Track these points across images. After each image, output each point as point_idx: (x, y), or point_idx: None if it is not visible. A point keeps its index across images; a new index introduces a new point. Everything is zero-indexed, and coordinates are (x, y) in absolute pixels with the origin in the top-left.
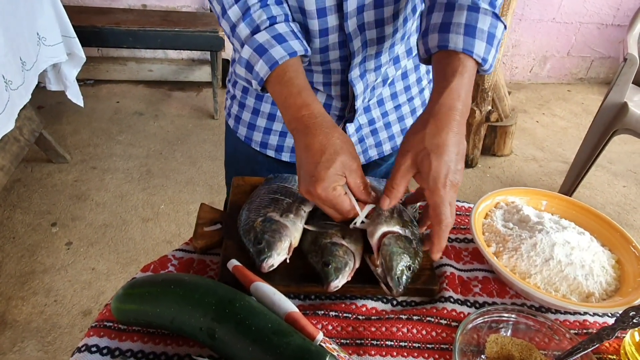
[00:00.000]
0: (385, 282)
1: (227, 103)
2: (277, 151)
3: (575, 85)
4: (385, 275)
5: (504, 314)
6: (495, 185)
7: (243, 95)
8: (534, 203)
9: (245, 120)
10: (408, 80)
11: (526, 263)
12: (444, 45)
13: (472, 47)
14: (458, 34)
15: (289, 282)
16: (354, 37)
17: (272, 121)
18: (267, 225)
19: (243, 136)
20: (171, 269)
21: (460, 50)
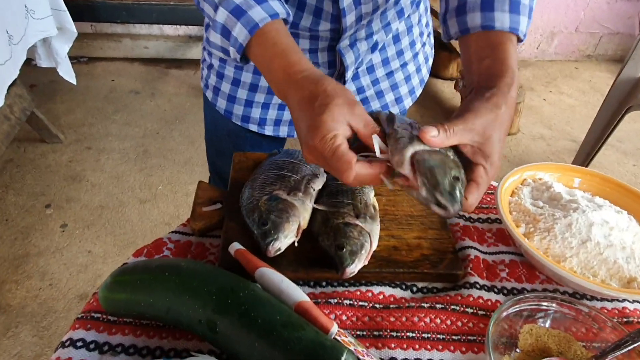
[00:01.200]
0: (437, 202)
1: (204, 73)
2: (260, 125)
3: (582, 62)
4: (433, 193)
5: (543, 302)
6: (503, 164)
7: (221, 65)
8: (564, 180)
9: (225, 92)
10: (400, 44)
11: (560, 245)
12: (490, 26)
13: (517, 24)
14: (504, 12)
15: (298, 268)
16: (348, 12)
17: (254, 92)
18: (273, 204)
19: (223, 109)
20: (167, 254)
21: (507, 29)
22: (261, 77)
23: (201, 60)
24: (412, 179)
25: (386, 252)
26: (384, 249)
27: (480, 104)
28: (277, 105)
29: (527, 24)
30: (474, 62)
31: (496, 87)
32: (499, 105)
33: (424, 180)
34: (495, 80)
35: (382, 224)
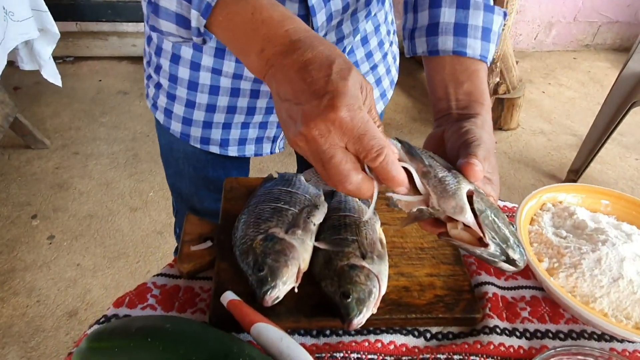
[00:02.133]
0: (507, 258)
1: (150, 91)
2: (222, 146)
3: (581, 52)
4: (504, 249)
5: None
6: (503, 161)
7: (171, 85)
8: (587, 202)
9: (179, 114)
10: (369, 46)
11: (589, 284)
12: (462, 52)
13: (487, 52)
14: (476, 39)
15: (299, 317)
16: (317, 11)
17: (213, 113)
18: (270, 245)
19: (178, 132)
20: (151, 302)
21: (477, 57)
22: (219, 96)
23: (145, 76)
24: (476, 231)
25: (396, 293)
26: (394, 290)
27: (481, 133)
28: (239, 124)
29: (493, 51)
30: (449, 85)
31: (481, 115)
32: (491, 133)
33: (492, 235)
34: (477, 107)
35: (391, 259)
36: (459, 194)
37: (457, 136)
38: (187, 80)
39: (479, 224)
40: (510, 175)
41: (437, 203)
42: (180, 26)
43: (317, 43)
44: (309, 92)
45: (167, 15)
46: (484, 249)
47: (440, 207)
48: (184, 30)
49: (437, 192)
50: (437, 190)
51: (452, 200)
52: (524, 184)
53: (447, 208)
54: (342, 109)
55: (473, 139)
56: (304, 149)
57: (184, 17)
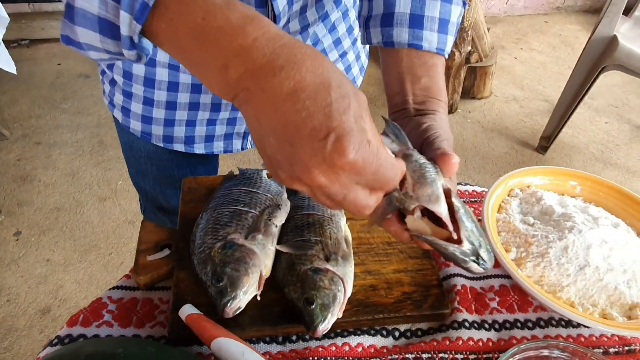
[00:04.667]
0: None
1: (106, 88)
2: (187, 144)
3: (552, 15)
4: (477, 249)
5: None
6: (477, 131)
7: (126, 82)
8: (555, 184)
9: (137, 112)
10: (337, 33)
11: (556, 272)
12: (417, 45)
13: (444, 45)
14: (432, 32)
15: (263, 326)
16: None
17: (174, 110)
18: (229, 252)
19: (138, 131)
20: (107, 318)
21: (434, 51)
22: (179, 93)
23: (99, 71)
24: (448, 226)
25: (363, 293)
26: (361, 289)
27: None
28: (204, 120)
29: (451, 44)
30: (406, 79)
31: (439, 112)
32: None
33: (468, 233)
34: (434, 104)
35: (357, 257)
36: (437, 183)
37: (418, 132)
38: (142, 76)
39: (456, 220)
40: (484, 144)
41: (412, 188)
42: (106, 35)
43: (300, 56)
44: (306, 130)
45: (86, 21)
46: (457, 247)
47: (415, 192)
48: (111, 42)
49: (415, 176)
50: (415, 174)
51: (428, 187)
52: (497, 153)
53: (422, 195)
54: (351, 152)
55: (437, 135)
56: (304, 190)
57: (110, 22)
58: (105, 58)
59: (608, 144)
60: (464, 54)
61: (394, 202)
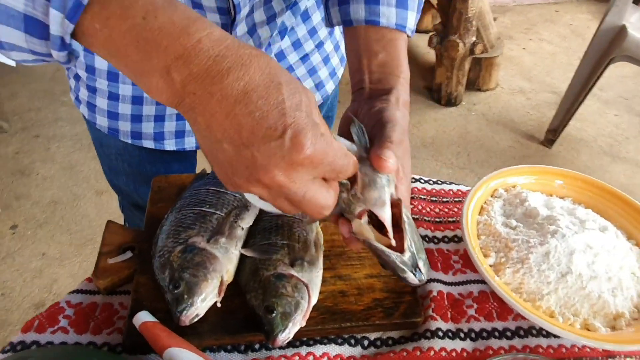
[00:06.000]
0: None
1: (71, 83)
2: (157, 140)
3: (563, 4)
4: (416, 260)
5: None
6: (481, 123)
7: (90, 77)
8: (541, 184)
9: (103, 108)
10: (311, 22)
11: (537, 280)
12: (374, 21)
13: (404, 20)
14: (390, 6)
15: (222, 334)
16: None
17: (140, 105)
18: (189, 257)
19: (105, 128)
20: (63, 324)
21: (392, 26)
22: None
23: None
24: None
25: (332, 300)
26: (329, 296)
27: (395, 111)
28: (174, 115)
29: (415, 20)
30: (363, 56)
31: (396, 89)
32: (405, 111)
33: (410, 242)
34: (391, 80)
35: (328, 260)
36: (385, 189)
37: (369, 117)
38: (105, 70)
39: (401, 230)
40: (487, 137)
41: (361, 190)
42: (33, 35)
43: (247, 57)
44: (262, 131)
45: (9, 19)
46: (399, 255)
47: (362, 195)
48: (38, 42)
49: (366, 180)
50: (366, 178)
51: (376, 192)
52: (502, 146)
53: (369, 198)
54: (308, 146)
55: (386, 120)
56: (262, 194)
57: (38, 20)
58: (29, 59)
59: (617, 137)
60: (468, 45)
61: (340, 202)
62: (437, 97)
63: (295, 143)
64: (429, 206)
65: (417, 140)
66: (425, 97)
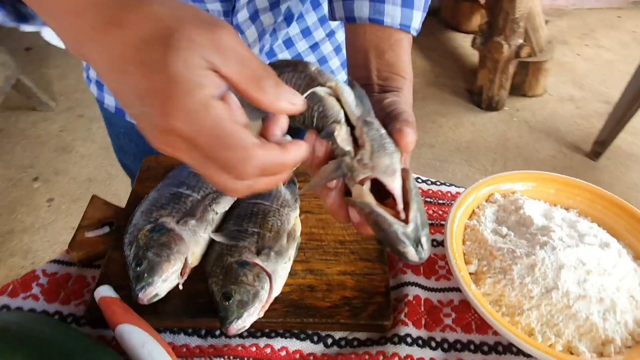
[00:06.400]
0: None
1: (84, 63)
2: None
3: (627, 10)
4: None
5: None
6: (523, 130)
7: None
8: (542, 193)
9: None
10: (322, 9)
11: (518, 293)
12: (378, 20)
13: (409, 20)
14: (395, 5)
15: (182, 316)
16: None
17: None
18: (155, 236)
19: (112, 107)
20: (35, 291)
21: (397, 26)
22: None
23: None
24: (399, 204)
25: (298, 293)
26: (297, 289)
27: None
28: None
29: (421, 19)
30: (370, 52)
31: (402, 91)
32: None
33: (416, 215)
34: (398, 81)
35: (303, 253)
36: (395, 155)
37: (380, 107)
38: None
39: (410, 199)
40: (528, 145)
41: (370, 156)
42: None
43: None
44: (132, 91)
45: None
46: (403, 225)
47: (371, 160)
48: None
49: (375, 144)
50: (375, 142)
51: (387, 158)
52: (542, 156)
53: (379, 165)
54: (173, 117)
55: (401, 110)
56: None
57: None
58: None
59: None
60: (513, 47)
61: (342, 167)
62: (477, 101)
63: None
64: None
65: (452, 144)
66: (465, 99)
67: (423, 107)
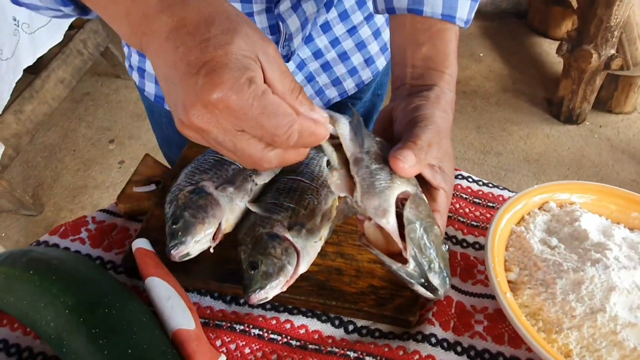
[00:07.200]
0: (426, 283)
1: (125, 49)
2: None
3: None
4: (425, 272)
5: None
6: (603, 148)
7: None
8: (603, 208)
9: (151, 73)
10: None
11: (559, 309)
12: (417, 10)
13: (454, 10)
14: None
15: (209, 278)
16: None
17: None
18: (194, 198)
19: (152, 95)
20: (83, 236)
21: (438, 16)
22: None
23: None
24: (397, 242)
25: (325, 274)
26: (324, 270)
27: (434, 110)
28: None
29: (469, 9)
30: (407, 48)
31: (438, 86)
32: (447, 110)
33: (414, 252)
34: (434, 77)
35: (336, 236)
36: (386, 193)
37: (405, 114)
38: None
39: (403, 235)
40: (607, 165)
41: (360, 199)
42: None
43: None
44: (183, 66)
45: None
46: (401, 266)
47: (362, 204)
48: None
49: (364, 185)
50: (364, 183)
51: (376, 199)
52: (622, 178)
53: (368, 206)
54: (223, 87)
55: (420, 119)
56: (198, 139)
57: None
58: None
59: None
60: (603, 58)
61: (350, 206)
62: (556, 112)
63: (207, 81)
64: (468, 207)
65: (521, 154)
66: (542, 109)
67: (495, 113)
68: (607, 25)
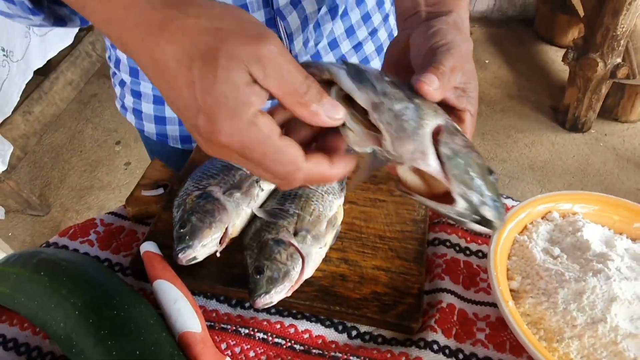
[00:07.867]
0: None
1: (117, 90)
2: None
3: None
4: (477, 207)
5: None
6: (608, 157)
7: (134, 80)
8: (605, 218)
9: (149, 113)
10: (365, 6)
11: (560, 318)
12: None
13: None
14: None
15: (216, 282)
16: None
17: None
18: (201, 202)
19: (154, 134)
20: (92, 238)
21: None
22: None
23: (111, 74)
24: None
25: (329, 280)
26: (329, 275)
27: (455, 35)
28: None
29: None
30: None
31: (455, 12)
32: (468, 35)
33: (463, 189)
34: (449, 3)
35: (340, 242)
36: (419, 133)
37: (423, 40)
38: None
39: (446, 172)
40: (612, 174)
41: (392, 146)
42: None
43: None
44: (181, 104)
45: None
46: (450, 207)
47: (395, 151)
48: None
49: (392, 131)
50: (391, 128)
51: (410, 142)
52: (627, 187)
53: (404, 152)
54: (223, 135)
55: (441, 43)
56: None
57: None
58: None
59: None
60: (609, 66)
61: (379, 157)
62: (561, 120)
63: (209, 130)
64: None
65: (525, 161)
66: (548, 117)
67: (500, 120)
68: (614, 34)
